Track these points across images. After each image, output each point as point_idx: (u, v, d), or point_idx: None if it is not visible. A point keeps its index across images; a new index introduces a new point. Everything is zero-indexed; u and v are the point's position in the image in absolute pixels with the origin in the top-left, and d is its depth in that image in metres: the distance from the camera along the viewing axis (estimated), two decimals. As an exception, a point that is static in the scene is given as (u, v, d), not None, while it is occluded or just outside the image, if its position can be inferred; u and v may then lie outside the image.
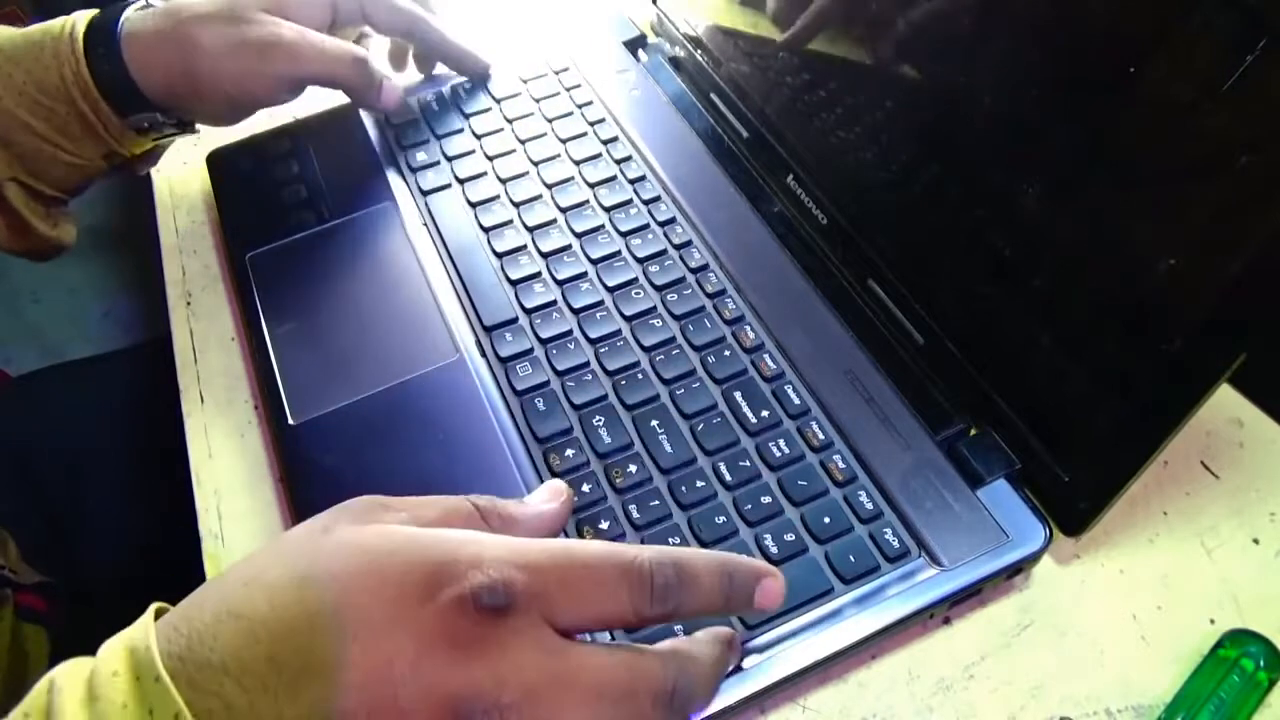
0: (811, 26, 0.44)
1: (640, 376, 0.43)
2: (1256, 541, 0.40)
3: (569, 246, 0.48)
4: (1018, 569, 0.38)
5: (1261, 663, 0.35)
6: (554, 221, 0.50)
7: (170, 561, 0.49)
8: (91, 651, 0.26)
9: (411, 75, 0.58)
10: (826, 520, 0.38)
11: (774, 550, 0.37)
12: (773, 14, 0.48)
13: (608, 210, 0.50)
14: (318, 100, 0.56)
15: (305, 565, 0.26)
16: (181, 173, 0.57)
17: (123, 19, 0.46)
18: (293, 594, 0.25)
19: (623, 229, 0.49)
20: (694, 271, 0.47)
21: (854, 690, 0.37)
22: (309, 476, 0.41)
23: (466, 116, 0.55)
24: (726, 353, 0.44)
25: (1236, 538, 0.40)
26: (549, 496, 0.34)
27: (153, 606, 0.27)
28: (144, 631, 0.25)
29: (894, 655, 0.37)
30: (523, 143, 0.54)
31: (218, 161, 0.55)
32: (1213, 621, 0.38)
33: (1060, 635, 0.38)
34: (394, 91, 0.51)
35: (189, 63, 0.46)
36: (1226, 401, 0.44)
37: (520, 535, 0.30)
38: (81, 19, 0.46)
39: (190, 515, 0.42)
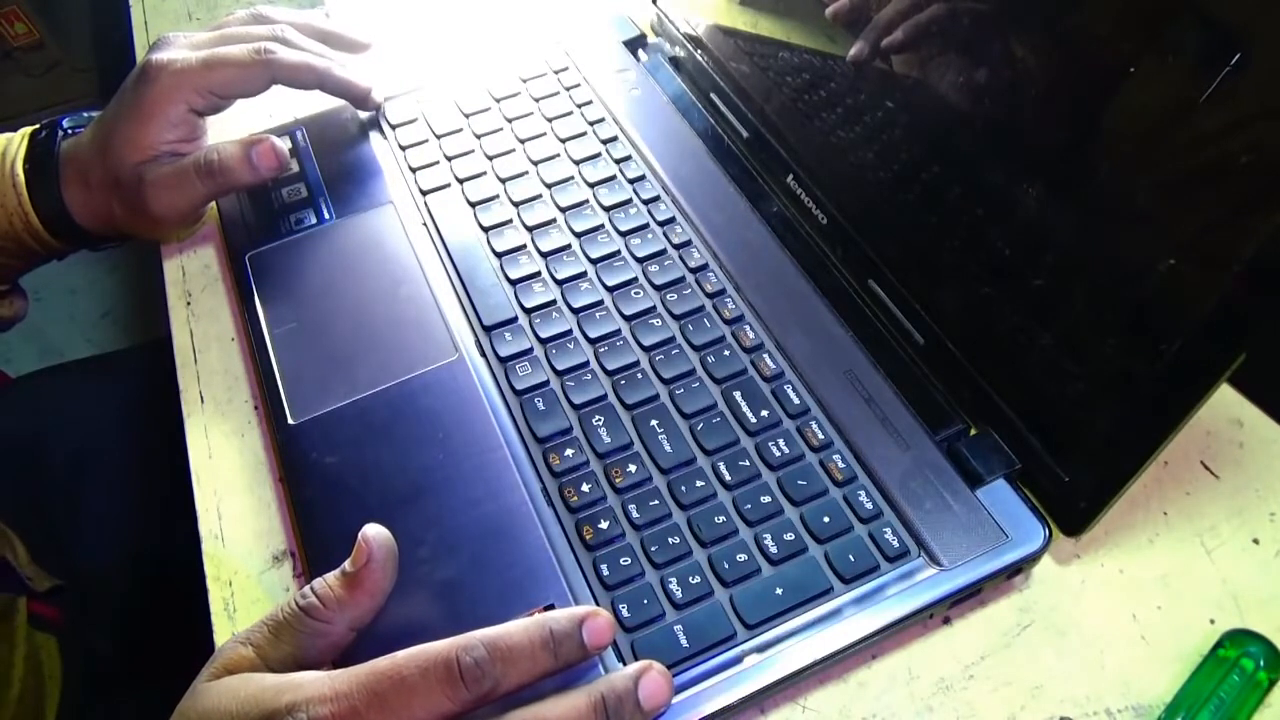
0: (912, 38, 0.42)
1: (640, 376, 0.43)
2: (1256, 541, 0.40)
3: (568, 246, 0.48)
4: (1017, 569, 0.38)
5: (1261, 663, 0.35)
6: (553, 221, 0.50)
7: (170, 561, 0.49)
8: (95, 657, 0.27)
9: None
10: (826, 520, 0.38)
11: (774, 550, 0.37)
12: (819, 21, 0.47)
13: (607, 210, 0.50)
14: (318, 100, 0.56)
15: None
16: (181, 173, 0.57)
17: (61, 160, 0.48)
18: None
19: (622, 228, 0.49)
20: (693, 271, 0.47)
21: (854, 690, 0.37)
22: (309, 476, 0.41)
23: (466, 116, 0.55)
24: (726, 352, 0.44)
25: (1236, 538, 0.40)
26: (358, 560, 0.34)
27: None
28: None
29: (894, 655, 0.37)
30: (522, 142, 0.54)
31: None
32: (1213, 621, 0.38)
33: (1060, 635, 0.38)
34: (268, 155, 0.49)
35: (138, 204, 0.47)
36: (1226, 401, 0.44)
37: (357, 607, 0.33)
38: (19, 158, 0.48)
39: (190, 515, 0.42)
